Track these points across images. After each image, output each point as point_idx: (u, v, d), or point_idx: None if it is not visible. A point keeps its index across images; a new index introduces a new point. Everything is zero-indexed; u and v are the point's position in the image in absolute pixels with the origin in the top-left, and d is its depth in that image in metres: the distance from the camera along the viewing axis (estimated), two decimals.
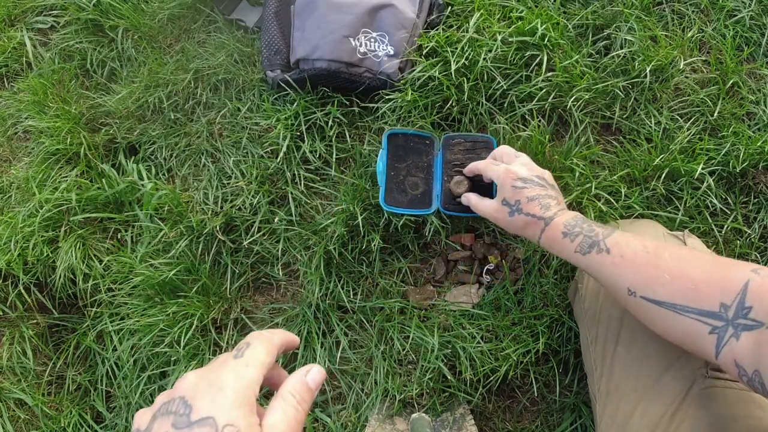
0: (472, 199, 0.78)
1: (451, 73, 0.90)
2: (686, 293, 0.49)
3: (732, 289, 0.46)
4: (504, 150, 0.76)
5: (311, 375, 0.37)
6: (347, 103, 0.98)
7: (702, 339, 0.48)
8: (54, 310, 1.04)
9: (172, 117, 1.06)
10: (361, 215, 0.89)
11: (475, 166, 0.80)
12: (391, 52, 0.93)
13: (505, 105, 0.94)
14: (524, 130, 0.93)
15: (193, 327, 0.94)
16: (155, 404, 0.34)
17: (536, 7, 0.97)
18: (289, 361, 0.96)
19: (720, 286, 0.47)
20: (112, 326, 0.99)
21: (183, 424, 0.31)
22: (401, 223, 0.91)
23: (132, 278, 0.98)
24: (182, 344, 0.93)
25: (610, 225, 0.62)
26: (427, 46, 0.95)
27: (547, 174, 0.71)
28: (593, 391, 0.70)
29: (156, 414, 0.33)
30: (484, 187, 0.84)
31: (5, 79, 1.22)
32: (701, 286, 0.49)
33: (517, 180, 0.69)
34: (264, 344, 0.37)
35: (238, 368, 0.35)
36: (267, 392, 0.91)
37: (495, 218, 0.72)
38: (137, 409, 0.97)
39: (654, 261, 0.53)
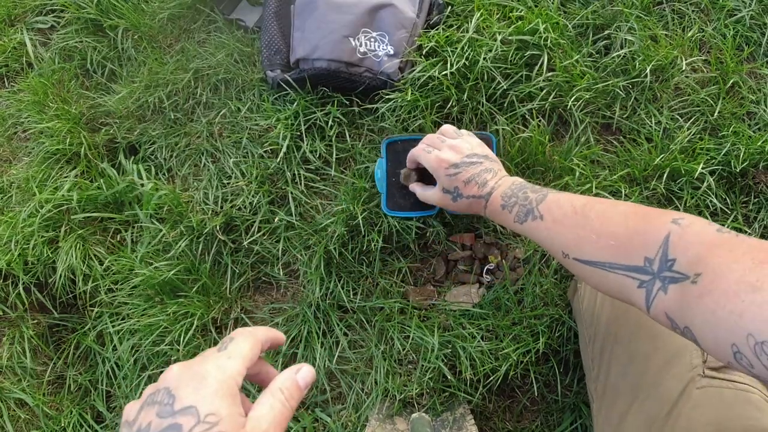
0: (417, 190, 0.80)
1: (451, 73, 0.90)
2: (611, 250, 0.50)
3: (654, 242, 0.46)
4: (431, 139, 0.77)
5: (301, 373, 0.38)
6: (347, 103, 0.98)
7: (632, 293, 0.48)
8: (54, 311, 1.04)
9: (172, 117, 1.06)
10: (361, 215, 0.89)
11: (411, 155, 0.80)
12: (391, 52, 0.93)
13: (505, 105, 0.94)
14: (524, 130, 0.93)
15: (194, 327, 0.94)
16: (143, 396, 0.35)
17: (536, 6, 0.97)
18: (289, 360, 0.96)
19: (642, 240, 0.47)
20: (112, 326, 0.99)
21: (167, 413, 0.32)
22: (402, 226, 0.91)
23: (132, 278, 0.98)
24: (182, 344, 0.93)
25: (544, 188, 0.63)
26: (427, 46, 0.95)
27: (476, 146, 0.73)
28: (591, 390, 0.70)
29: (143, 405, 0.34)
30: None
31: (5, 79, 1.22)
32: (624, 241, 0.49)
33: (449, 168, 0.71)
34: (247, 338, 0.38)
35: (221, 360, 0.36)
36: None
37: (442, 205, 0.75)
38: None
39: (581, 222, 0.54)
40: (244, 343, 0.38)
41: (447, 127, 0.78)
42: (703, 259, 0.42)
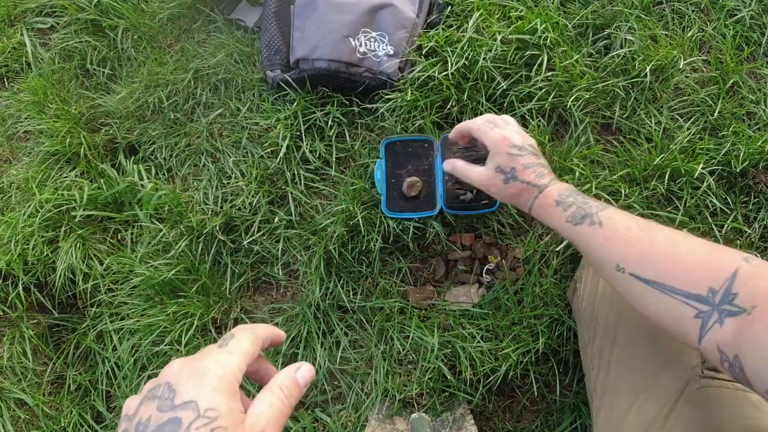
0: (458, 165, 0.75)
1: (451, 72, 0.90)
2: (676, 274, 0.49)
3: (722, 275, 0.46)
4: (494, 117, 0.75)
5: (301, 372, 0.39)
6: (347, 103, 0.98)
7: (686, 322, 0.47)
8: (54, 310, 1.04)
9: (172, 117, 1.06)
10: (360, 215, 0.89)
11: (465, 127, 0.76)
12: (391, 52, 0.93)
13: (505, 105, 0.94)
14: (524, 130, 0.93)
15: (193, 327, 0.94)
16: (143, 391, 0.36)
17: (536, 6, 0.97)
18: (289, 360, 0.96)
19: (710, 271, 0.47)
20: (112, 326, 0.99)
21: (167, 407, 0.33)
22: (404, 224, 0.91)
23: (132, 278, 0.98)
24: (182, 344, 0.93)
25: (602, 201, 0.61)
26: (426, 46, 0.94)
27: (534, 143, 0.71)
28: (590, 390, 0.70)
29: (143, 399, 0.35)
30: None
31: (5, 79, 1.22)
32: (692, 268, 0.48)
33: (512, 147, 0.68)
34: (248, 335, 0.39)
35: (222, 356, 0.36)
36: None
37: (486, 185, 0.71)
38: None
39: (647, 238, 0.53)
40: (245, 340, 0.38)
41: (496, 117, 0.75)
42: (761, 292, 0.42)
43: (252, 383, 0.93)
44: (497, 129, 0.71)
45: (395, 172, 0.92)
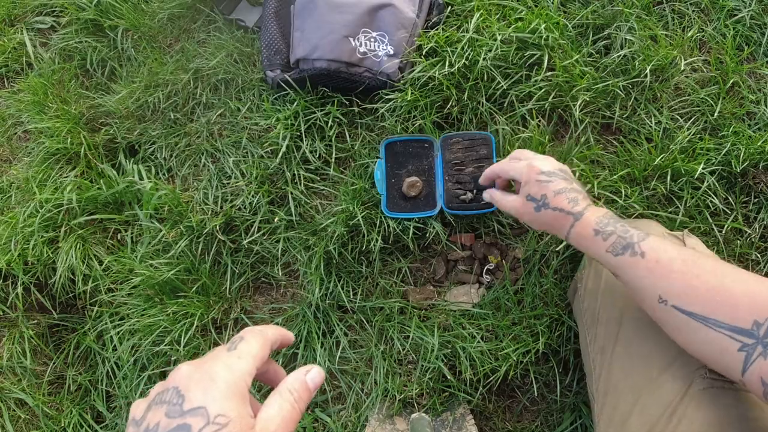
0: (495, 195, 0.76)
1: (451, 73, 0.90)
2: (721, 308, 0.48)
3: (767, 308, 0.46)
4: (522, 150, 0.75)
5: (311, 375, 0.38)
6: (347, 103, 0.98)
7: (729, 355, 0.47)
8: (54, 311, 1.04)
9: (172, 117, 1.06)
10: (360, 215, 0.89)
11: (492, 171, 0.76)
12: (391, 52, 0.93)
13: (505, 105, 0.94)
14: (524, 130, 0.93)
15: (194, 327, 0.94)
16: (150, 395, 0.35)
17: (536, 6, 0.97)
18: (289, 360, 0.96)
19: (756, 304, 0.47)
20: (112, 326, 0.99)
21: (176, 413, 0.32)
22: (404, 225, 0.91)
23: (132, 278, 0.98)
24: (182, 344, 0.93)
25: (642, 227, 0.60)
26: (426, 46, 0.94)
27: (567, 168, 0.70)
28: (592, 391, 0.70)
29: (150, 404, 0.34)
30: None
31: (5, 79, 1.22)
32: (737, 301, 0.48)
33: (541, 174, 0.67)
34: (257, 338, 0.38)
35: (231, 360, 0.35)
36: (267, 390, 0.91)
37: (520, 214, 0.70)
38: None
39: (693, 271, 0.52)
40: (254, 343, 0.37)
41: (523, 151, 0.74)
42: None
43: (255, 384, 0.93)
44: (523, 160, 0.71)
45: (395, 172, 0.92)
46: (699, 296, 0.50)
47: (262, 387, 0.94)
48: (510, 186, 0.80)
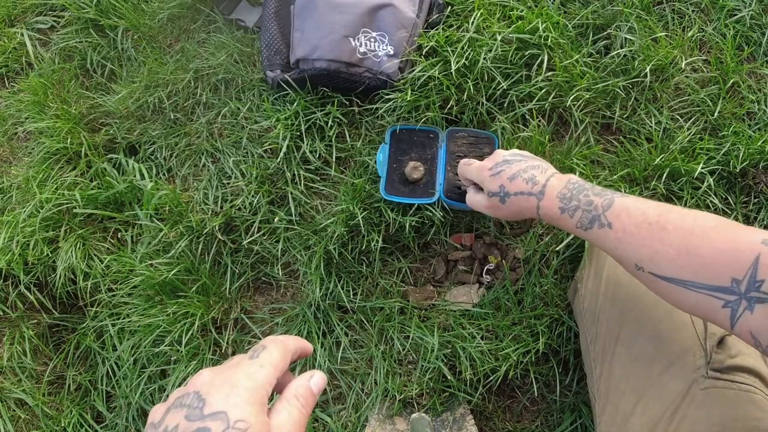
0: (469, 192, 0.77)
1: (451, 72, 0.90)
2: (695, 269, 0.48)
3: (743, 263, 0.45)
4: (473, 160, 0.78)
5: (314, 380, 0.39)
6: (347, 103, 0.98)
7: (716, 312, 0.47)
8: (54, 310, 1.04)
9: (172, 117, 1.06)
10: (360, 215, 0.89)
11: (460, 172, 0.80)
12: (391, 52, 0.93)
13: (505, 105, 0.94)
14: (524, 130, 0.93)
15: (194, 327, 0.94)
16: (169, 399, 0.36)
17: (536, 6, 0.97)
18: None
19: (729, 260, 0.46)
20: (112, 326, 0.99)
21: (196, 416, 0.33)
22: (402, 218, 0.91)
23: (132, 278, 0.98)
24: (182, 344, 0.93)
25: (607, 190, 0.59)
26: (426, 46, 0.94)
27: (522, 151, 0.71)
28: (593, 391, 0.70)
29: (170, 407, 0.34)
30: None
31: (5, 79, 1.22)
32: (709, 260, 0.47)
33: (490, 169, 0.69)
34: (279, 348, 0.39)
35: (253, 369, 0.36)
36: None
37: (491, 211, 0.71)
38: (138, 409, 0.98)
39: (658, 234, 0.51)
40: (276, 353, 0.38)
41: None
42: None
43: None
44: (473, 163, 0.74)
45: (398, 158, 0.92)
46: (671, 260, 0.50)
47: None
48: None
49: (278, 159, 0.96)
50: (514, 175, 0.65)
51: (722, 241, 0.47)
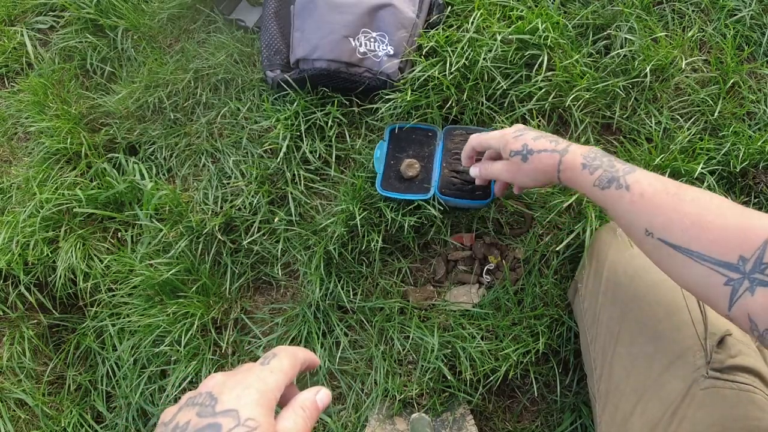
0: (482, 165, 0.77)
1: (451, 72, 0.90)
2: (706, 241, 0.48)
3: (753, 243, 0.45)
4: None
5: (320, 395, 0.40)
6: (347, 103, 0.98)
7: (716, 289, 0.47)
8: (54, 310, 1.04)
9: (172, 117, 1.06)
10: (360, 215, 0.89)
11: (470, 146, 0.78)
12: (391, 52, 0.93)
13: (505, 105, 0.94)
14: None
15: (194, 327, 0.94)
16: (181, 401, 0.37)
17: (536, 6, 0.97)
18: None
19: (741, 238, 0.46)
20: (112, 326, 0.99)
21: (207, 413, 0.34)
22: (402, 218, 0.91)
23: (132, 278, 0.98)
24: (182, 344, 0.93)
25: (631, 163, 0.60)
26: (426, 46, 0.94)
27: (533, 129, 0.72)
28: (593, 391, 0.70)
29: (182, 407, 0.36)
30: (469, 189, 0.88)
31: (5, 79, 1.22)
32: (722, 235, 0.47)
33: (514, 132, 0.69)
34: (289, 357, 0.40)
35: (264, 374, 0.38)
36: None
37: (511, 172, 0.70)
38: (138, 409, 0.98)
39: (675, 204, 0.51)
40: (286, 361, 0.40)
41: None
42: None
43: None
44: (493, 132, 0.73)
45: (395, 155, 0.92)
46: (684, 229, 0.50)
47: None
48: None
49: (278, 159, 0.96)
50: (537, 136, 0.67)
51: (736, 219, 0.47)
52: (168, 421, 0.35)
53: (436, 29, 0.96)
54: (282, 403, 0.41)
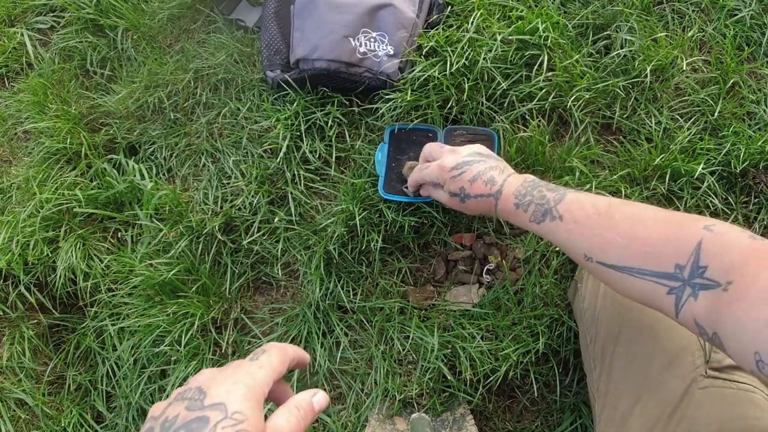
0: (429, 191, 0.81)
1: (451, 73, 0.90)
2: (640, 256, 0.49)
3: (686, 249, 0.46)
4: (431, 148, 0.79)
5: (317, 397, 0.41)
6: (347, 103, 0.98)
7: (661, 299, 0.47)
8: (54, 311, 1.04)
9: (172, 117, 1.06)
10: (360, 215, 0.89)
11: (413, 181, 0.81)
12: (391, 52, 0.93)
13: (505, 105, 0.94)
14: (524, 130, 0.93)
15: (194, 327, 0.94)
16: (170, 397, 0.37)
17: (536, 6, 0.97)
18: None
19: (674, 247, 0.47)
20: (112, 326, 0.99)
21: (196, 407, 0.34)
22: (402, 218, 0.91)
23: (132, 278, 0.98)
24: (182, 344, 0.93)
25: (560, 186, 0.61)
26: (426, 46, 0.94)
27: (477, 146, 0.73)
28: (592, 391, 0.70)
29: (171, 402, 0.36)
30: None
31: (5, 79, 1.22)
32: (655, 247, 0.48)
33: (451, 170, 0.70)
34: (279, 353, 0.41)
35: (253, 369, 0.38)
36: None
37: (452, 206, 0.74)
38: (138, 409, 0.98)
39: (606, 224, 0.53)
40: (275, 357, 0.40)
41: (431, 145, 0.79)
42: (736, 267, 0.42)
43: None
44: (432, 162, 0.75)
45: (396, 157, 0.92)
46: (617, 248, 0.51)
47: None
48: None
49: (278, 159, 0.96)
50: (474, 177, 0.68)
51: (667, 228, 0.48)
52: (158, 416, 0.35)
53: (436, 29, 0.96)
54: (279, 403, 0.41)
